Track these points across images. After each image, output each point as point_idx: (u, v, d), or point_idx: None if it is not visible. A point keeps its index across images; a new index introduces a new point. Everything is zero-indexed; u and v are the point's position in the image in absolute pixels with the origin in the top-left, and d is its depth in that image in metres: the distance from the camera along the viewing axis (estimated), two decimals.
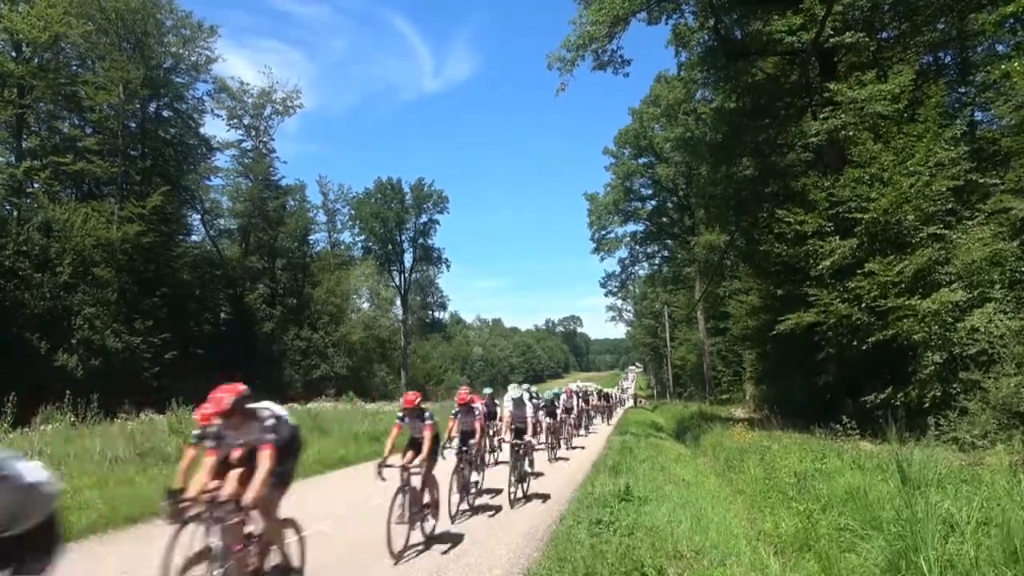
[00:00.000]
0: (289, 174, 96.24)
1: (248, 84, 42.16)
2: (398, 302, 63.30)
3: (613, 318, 71.99)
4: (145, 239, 28.45)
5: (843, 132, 13.66)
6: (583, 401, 20.91)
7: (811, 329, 14.01)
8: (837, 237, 13.47)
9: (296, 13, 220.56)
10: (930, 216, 12.01)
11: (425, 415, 6.11)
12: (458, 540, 6.29)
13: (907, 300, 11.57)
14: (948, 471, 6.44)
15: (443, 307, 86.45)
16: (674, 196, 45.67)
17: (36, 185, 27.26)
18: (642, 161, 46.02)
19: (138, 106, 31.89)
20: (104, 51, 29.75)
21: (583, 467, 11.97)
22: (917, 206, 12.01)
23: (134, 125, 31.93)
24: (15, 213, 26.65)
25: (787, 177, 17.43)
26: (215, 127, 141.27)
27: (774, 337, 16.07)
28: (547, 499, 8.52)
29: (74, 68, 30.36)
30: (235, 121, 42.09)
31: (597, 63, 17.72)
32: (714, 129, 21.20)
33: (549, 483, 10.14)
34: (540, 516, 7.60)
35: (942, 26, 14.98)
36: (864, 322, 12.48)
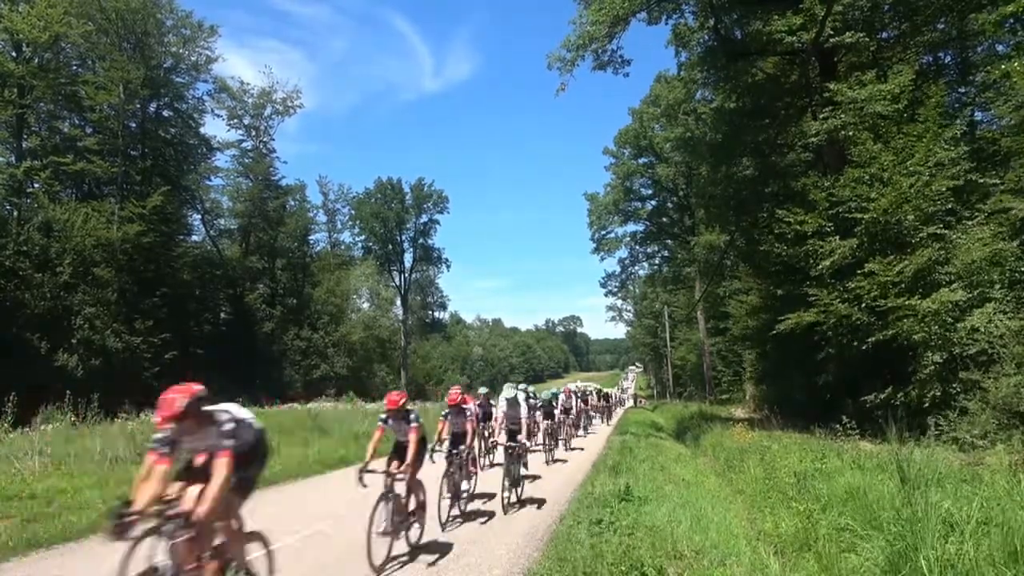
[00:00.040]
0: (289, 174, 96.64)
1: (248, 84, 42.35)
2: (398, 302, 63.38)
3: (613, 318, 72.15)
4: (145, 239, 28.46)
5: (843, 132, 13.66)
6: (582, 401, 20.68)
7: (811, 329, 14.02)
8: (837, 237, 13.47)
9: (296, 13, 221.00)
10: (930, 216, 12.01)
11: (410, 417, 5.70)
12: (447, 549, 5.97)
13: (907, 300, 11.58)
14: (948, 471, 6.44)
15: (443, 307, 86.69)
16: (674, 196, 45.68)
17: (36, 185, 27.26)
18: (642, 161, 46.03)
19: (138, 106, 31.91)
20: (104, 51, 29.75)
21: (582, 469, 11.74)
22: (917, 206, 12.01)
23: (134, 125, 31.95)
24: (15, 213, 26.66)
25: (787, 177, 17.44)
26: (215, 127, 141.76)
27: (774, 337, 16.07)
28: (542, 504, 8.25)
29: (74, 68, 30.36)
30: (235, 121, 42.21)
31: (597, 63, 17.73)
32: (714, 129, 21.20)
33: (546, 486, 9.89)
34: (538, 519, 7.42)
35: (942, 26, 14.97)
36: (864, 322, 12.48)
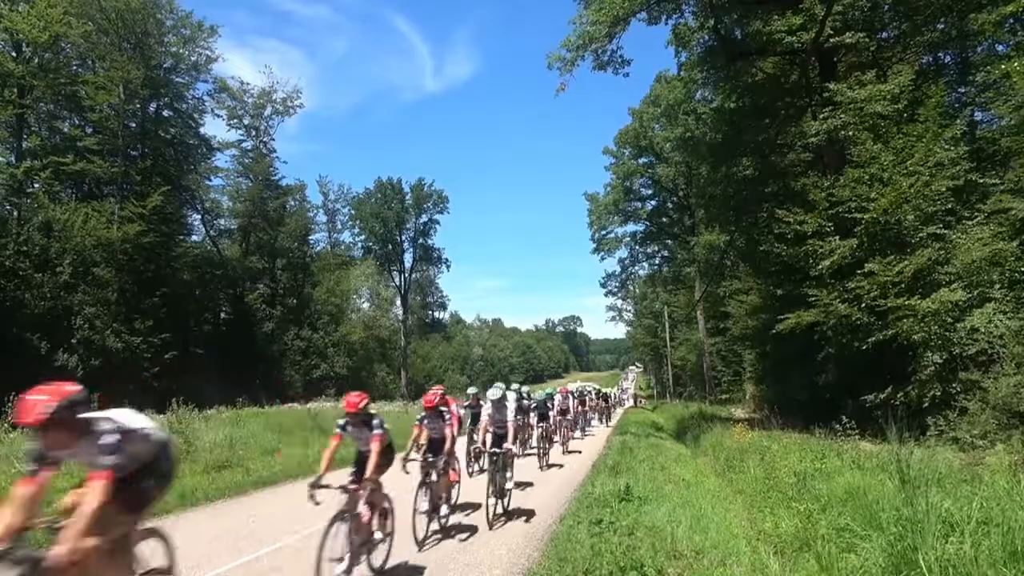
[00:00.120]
0: (289, 174, 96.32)
1: (248, 84, 42.33)
2: (398, 302, 63.39)
3: (613, 318, 72.02)
4: (145, 239, 28.46)
5: (843, 132, 13.67)
6: (579, 403, 20.08)
7: (811, 329, 14.03)
8: (837, 237, 13.47)
9: (296, 13, 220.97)
10: (930, 216, 12.02)
11: (373, 423, 5.16)
12: (418, 574, 5.34)
13: (907, 300, 11.59)
14: (948, 471, 6.44)
15: (443, 307, 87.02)
16: (674, 196, 45.72)
17: (36, 185, 27.25)
18: (642, 161, 46.07)
19: (138, 106, 31.93)
20: (104, 51, 29.76)
21: (578, 475, 11.09)
22: (917, 206, 12.01)
23: (134, 125, 31.96)
24: (15, 213, 26.68)
25: (787, 177, 17.44)
26: (215, 127, 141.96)
27: (774, 337, 16.09)
28: (531, 516, 7.61)
29: (74, 68, 30.34)
30: (235, 121, 42.20)
31: (597, 63, 17.72)
32: (714, 129, 21.22)
33: (536, 496, 9.11)
34: (527, 533, 6.81)
35: (942, 26, 14.97)
36: (864, 322, 12.48)
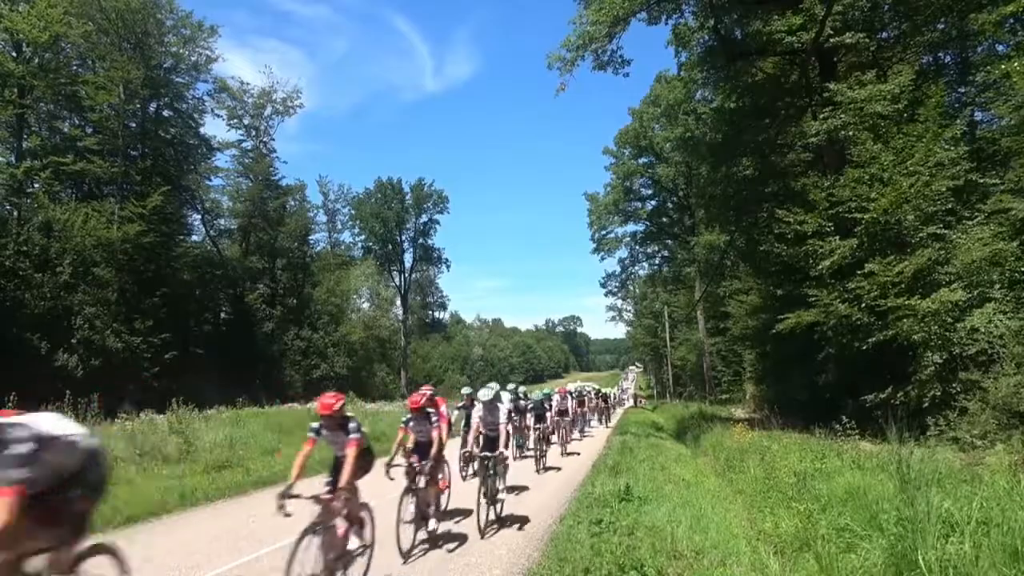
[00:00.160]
0: (289, 174, 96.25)
1: (248, 84, 42.22)
2: (398, 302, 63.45)
3: (613, 318, 72.10)
4: (145, 239, 28.42)
5: (843, 132, 13.67)
6: (578, 403, 19.74)
7: (811, 329, 14.03)
8: (837, 237, 13.47)
9: (296, 13, 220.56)
10: (930, 216, 12.02)
11: (349, 426, 4.87)
12: None
13: (907, 300, 11.58)
14: (948, 471, 6.43)
15: (443, 307, 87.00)
16: (674, 196, 45.72)
17: (36, 185, 27.20)
18: (642, 161, 46.09)
19: (138, 106, 31.89)
20: (104, 51, 29.73)
21: (575, 478, 10.87)
22: (917, 206, 12.01)
23: (134, 125, 31.93)
24: (15, 213, 26.64)
25: (787, 177, 17.44)
26: (215, 127, 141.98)
27: (774, 337, 16.09)
28: (525, 524, 7.31)
29: (74, 68, 30.30)
30: (235, 121, 42.13)
31: (597, 63, 17.72)
32: (714, 129, 21.22)
33: (532, 501, 8.92)
34: (520, 543, 6.47)
35: (942, 26, 14.97)
36: (864, 322, 12.48)
